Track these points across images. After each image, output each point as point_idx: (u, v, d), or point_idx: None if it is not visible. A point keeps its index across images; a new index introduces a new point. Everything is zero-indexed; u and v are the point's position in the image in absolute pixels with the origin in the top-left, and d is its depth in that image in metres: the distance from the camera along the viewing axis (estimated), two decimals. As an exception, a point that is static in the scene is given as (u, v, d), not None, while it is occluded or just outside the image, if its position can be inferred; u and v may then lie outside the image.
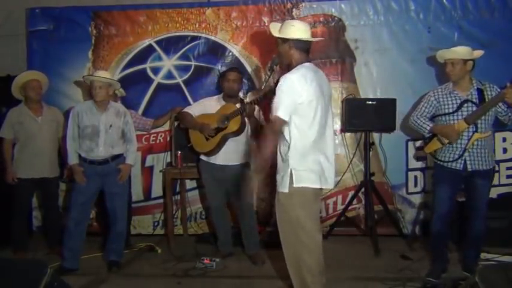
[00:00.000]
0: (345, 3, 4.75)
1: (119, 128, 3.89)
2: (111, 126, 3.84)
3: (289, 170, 2.70)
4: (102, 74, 3.91)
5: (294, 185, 2.70)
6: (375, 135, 4.69)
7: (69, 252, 3.84)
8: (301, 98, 2.64)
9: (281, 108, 2.63)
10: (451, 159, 3.41)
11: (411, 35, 4.67)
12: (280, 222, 2.81)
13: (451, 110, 3.40)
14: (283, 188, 2.73)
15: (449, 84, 3.48)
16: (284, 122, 2.65)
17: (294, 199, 2.72)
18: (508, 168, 4.60)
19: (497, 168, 4.54)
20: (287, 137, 2.72)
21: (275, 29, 2.85)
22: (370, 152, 4.49)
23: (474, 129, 3.34)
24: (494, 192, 4.52)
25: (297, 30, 2.78)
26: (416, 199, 4.72)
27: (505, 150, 4.61)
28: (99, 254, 4.22)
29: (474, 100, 3.36)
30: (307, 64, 2.78)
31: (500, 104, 3.32)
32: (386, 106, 4.36)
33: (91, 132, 3.80)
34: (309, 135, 2.71)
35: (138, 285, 3.68)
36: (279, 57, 2.89)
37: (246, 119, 3.90)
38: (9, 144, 4.22)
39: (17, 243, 4.25)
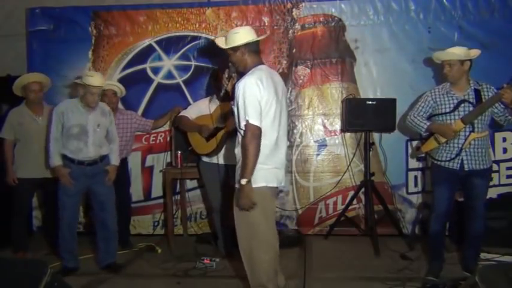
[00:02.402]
0: (345, 3, 4.76)
1: (105, 128, 3.83)
2: (99, 125, 3.76)
3: None
4: (98, 80, 3.69)
5: (253, 185, 2.72)
6: (375, 135, 4.69)
7: (68, 254, 3.81)
8: (262, 100, 2.71)
9: (252, 114, 2.66)
10: (447, 159, 3.41)
11: (411, 35, 4.68)
12: (237, 219, 2.85)
13: (448, 110, 3.41)
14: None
15: (446, 84, 3.48)
16: (259, 129, 2.67)
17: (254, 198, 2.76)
18: (508, 168, 4.61)
19: (496, 168, 4.56)
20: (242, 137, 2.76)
21: (222, 43, 2.90)
22: (370, 152, 4.49)
23: (471, 129, 3.35)
24: (494, 192, 4.53)
25: (243, 35, 2.83)
26: (416, 199, 4.73)
27: (505, 150, 4.61)
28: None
29: (471, 100, 3.37)
30: (261, 66, 2.84)
31: (497, 104, 3.33)
32: (386, 106, 4.37)
33: (79, 132, 3.69)
34: (269, 136, 2.77)
35: (138, 285, 3.68)
36: (233, 66, 2.95)
37: None
38: (10, 145, 4.22)
39: (17, 243, 4.25)
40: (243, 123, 2.71)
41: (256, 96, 2.70)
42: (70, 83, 4.95)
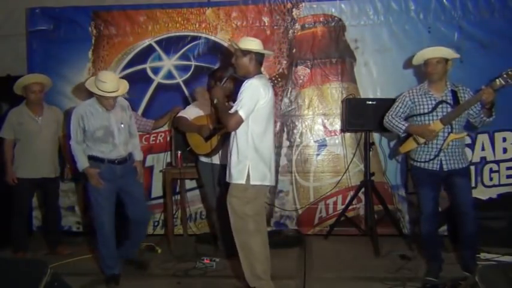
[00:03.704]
0: (345, 3, 4.76)
1: (127, 124, 3.66)
2: (122, 123, 3.59)
3: (247, 166, 3.02)
4: (112, 86, 3.41)
5: (251, 182, 3.02)
6: (375, 135, 4.69)
7: (113, 260, 3.62)
8: (262, 101, 3.01)
9: (244, 108, 2.97)
10: (426, 160, 3.43)
11: (411, 35, 4.67)
12: (232, 213, 3.10)
13: (426, 111, 3.42)
14: (239, 180, 3.05)
15: (424, 84, 3.50)
16: (242, 121, 2.99)
17: (248, 194, 3.07)
18: (508, 168, 4.60)
19: (496, 168, 4.57)
20: (246, 135, 3.04)
21: (235, 44, 3.14)
22: (370, 152, 4.49)
23: (449, 130, 3.37)
24: (494, 192, 4.54)
25: (257, 45, 3.13)
26: (416, 199, 4.72)
27: (505, 150, 4.61)
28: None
29: (449, 101, 3.39)
30: (262, 75, 3.18)
31: (473, 106, 3.35)
32: (386, 106, 4.34)
33: (104, 135, 3.51)
34: (265, 137, 3.09)
35: (138, 285, 3.68)
36: (235, 68, 3.17)
37: None
38: (9, 145, 4.22)
39: (17, 243, 4.25)
40: (231, 111, 3.00)
41: (258, 98, 2.99)
42: (70, 83, 4.98)
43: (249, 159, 3.04)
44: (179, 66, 4.94)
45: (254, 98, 2.98)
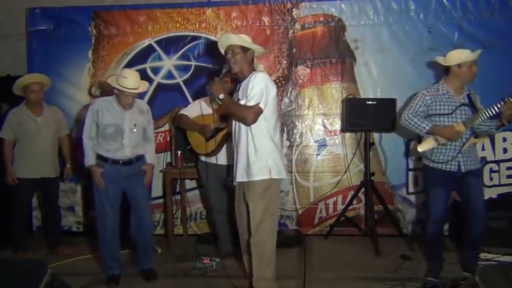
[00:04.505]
0: (345, 3, 4.76)
1: (142, 127, 3.62)
2: (135, 125, 3.55)
3: (268, 162, 2.97)
4: (133, 82, 3.45)
5: (272, 176, 2.97)
6: (375, 135, 4.69)
7: (113, 261, 3.62)
8: (272, 95, 3.00)
9: (263, 100, 2.93)
10: (444, 160, 3.40)
11: (411, 35, 4.68)
12: (254, 208, 2.99)
13: (446, 112, 3.39)
14: (261, 176, 2.97)
15: (441, 85, 3.44)
16: (262, 112, 2.95)
17: (271, 189, 3.00)
18: (508, 168, 4.61)
19: (496, 168, 4.57)
20: (262, 129, 2.99)
21: (237, 39, 3.07)
22: (370, 152, 4.49)
23: (471, 133, 3.37)
24: (494, 192, 4.55)
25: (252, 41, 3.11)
26: (417, 199, 4.73)
27: (505, 150, 4.61)
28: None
29: (468, 104, 3.38)
30: (262, 71, 3.17)
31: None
32: (386, 106, 4.37)
33: (114, 132, 3.48)
34: (276, 130, 3.08)
35: (138, 285, 3.67)
36: (232, 64, 3.08)
37: None
38: (9, 145, 4.22)
39: (17, 243, 4.25)
40: (249, 104, 2.93)
41: (270, 90, 2.98)
42: (70, 83, 4.99)
43: (269, 153, 2.98)
44: (179, 66, 4.95)
45: (268, 90, 2.96)
